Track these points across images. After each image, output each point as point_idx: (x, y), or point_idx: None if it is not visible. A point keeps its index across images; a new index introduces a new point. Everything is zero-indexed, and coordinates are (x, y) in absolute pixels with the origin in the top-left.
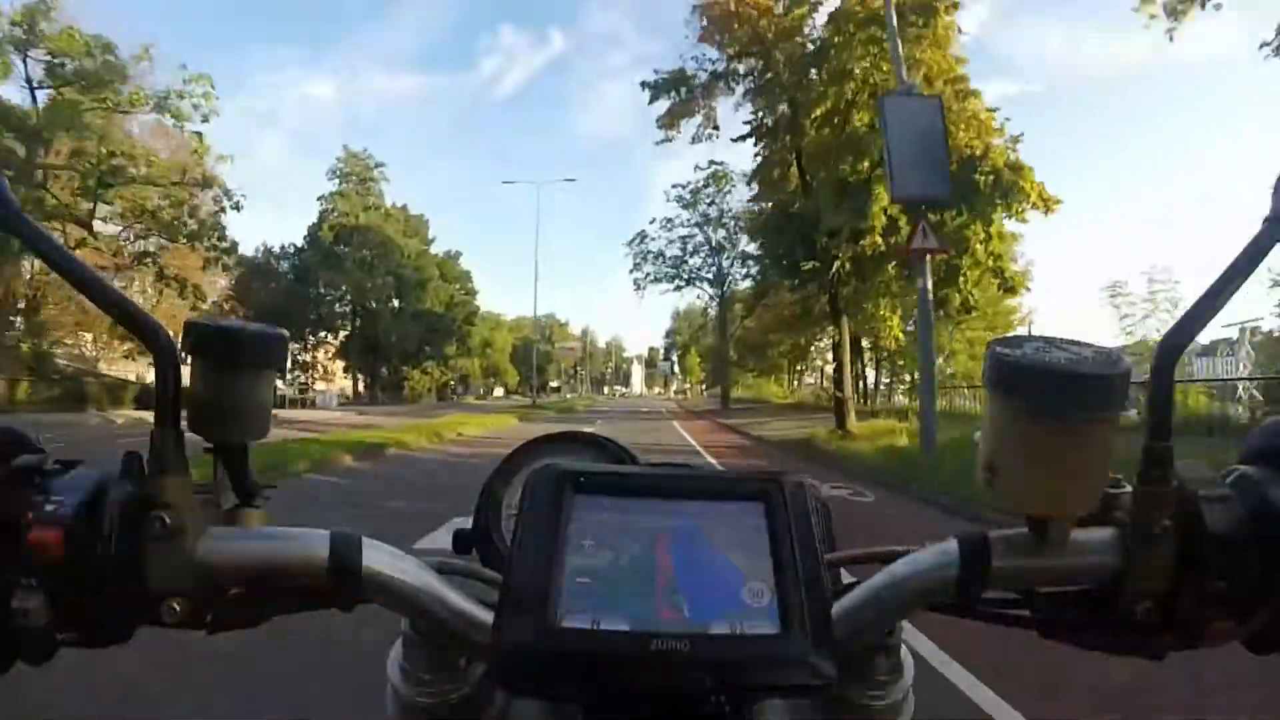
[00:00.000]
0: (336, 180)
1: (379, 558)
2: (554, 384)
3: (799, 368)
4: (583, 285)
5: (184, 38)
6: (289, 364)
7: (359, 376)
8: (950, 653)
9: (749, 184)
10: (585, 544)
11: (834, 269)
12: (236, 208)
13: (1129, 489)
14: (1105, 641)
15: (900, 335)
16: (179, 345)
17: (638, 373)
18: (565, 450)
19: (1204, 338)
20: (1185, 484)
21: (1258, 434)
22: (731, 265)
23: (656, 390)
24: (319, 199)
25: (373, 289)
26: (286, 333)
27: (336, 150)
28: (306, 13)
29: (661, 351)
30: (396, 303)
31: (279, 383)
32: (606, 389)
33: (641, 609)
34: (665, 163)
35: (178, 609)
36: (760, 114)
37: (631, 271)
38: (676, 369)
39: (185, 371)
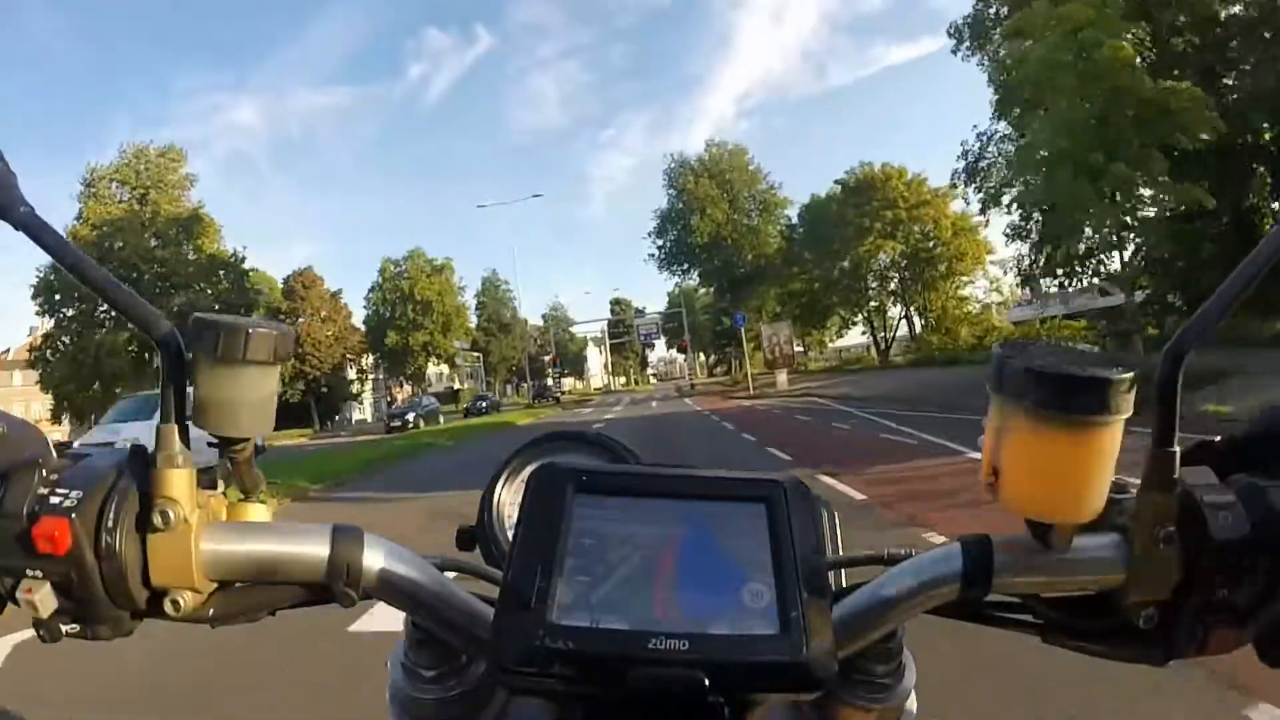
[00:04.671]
0: None
1: (380, 553)
2: (436, 388)
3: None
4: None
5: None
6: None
7: None
8: None
9: None
10: (586, 543)
11: None
12: None
13: (1133, 494)
14: (1108, 647)
15: None
16: (185, 341)
17: (595, 358)
18: (567, 449)
19: None
20: (1189, 490)
21: (1259, 427)
22: None
23: (622, 381)
24: None
25: None
26: (291, 329)
27: (269, 172)
28: (227, 34)
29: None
30: None
31: None
32: (524, 387)
33: (641, 608)
34: (603, 154)
35: (181, 602)
36: None
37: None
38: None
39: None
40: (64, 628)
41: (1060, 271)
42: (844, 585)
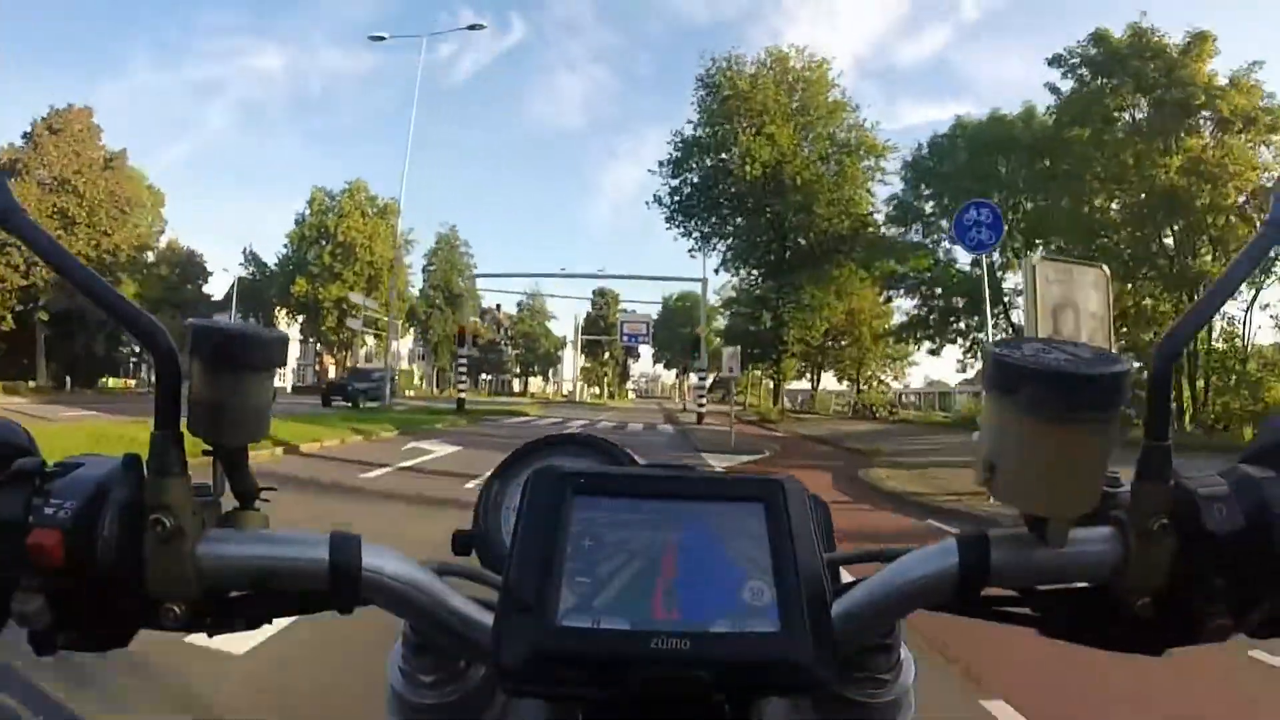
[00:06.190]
0: None
1: (378, 560)
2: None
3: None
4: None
5: None
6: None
7: None
8: None
9: None
10: (585, 545)
11: None
12: None
13: (1127, 487)
14: (1104, 639)
15: None
16: (180, 347)
17: (570, 360)
18: (565, 452)
19: None
20: (1183, 482)
21: (1259, 433)
22: None
23: (595, 392)
24: None
25: None
26: (286, 334)
27: (283, 126)
28: None
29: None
30: None
31: None
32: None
33: (641, 609)
34: (616, 163)
35: (177, 612)
36: None
37: None
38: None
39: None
40: (59, 639)
41: None
42: (841, 582)
